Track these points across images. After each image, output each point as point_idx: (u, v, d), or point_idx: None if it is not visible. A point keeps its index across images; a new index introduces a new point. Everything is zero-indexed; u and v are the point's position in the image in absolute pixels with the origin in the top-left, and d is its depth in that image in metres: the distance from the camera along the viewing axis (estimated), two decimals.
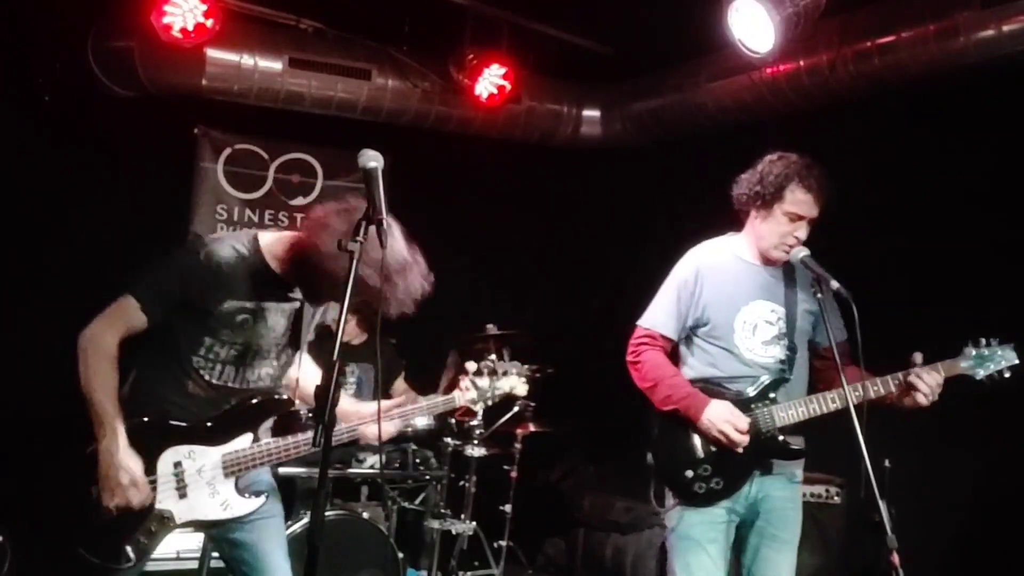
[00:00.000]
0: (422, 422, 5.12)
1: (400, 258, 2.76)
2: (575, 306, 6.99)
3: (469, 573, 5.31)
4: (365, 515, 4.69)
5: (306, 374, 3.14)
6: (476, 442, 5.15)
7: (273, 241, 2.94)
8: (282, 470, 4.64)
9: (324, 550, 2.43)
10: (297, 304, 2.99)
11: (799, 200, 3.21)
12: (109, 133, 5.63)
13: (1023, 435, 4.63)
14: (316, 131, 6.44)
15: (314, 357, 3.26)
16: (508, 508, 5.42)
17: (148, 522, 2.85)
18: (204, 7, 5.13)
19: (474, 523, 5.17)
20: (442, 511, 5.15)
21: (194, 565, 4.27)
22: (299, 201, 6.73)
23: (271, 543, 3.03)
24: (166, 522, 2.87)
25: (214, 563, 4.26)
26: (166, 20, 5.10)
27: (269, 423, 3.04)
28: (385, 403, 3.11)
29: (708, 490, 3.21)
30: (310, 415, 4.21)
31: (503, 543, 5.41)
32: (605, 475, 6.27)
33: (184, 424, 2.90)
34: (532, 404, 5.49)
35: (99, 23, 5.44)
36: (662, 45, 5.89)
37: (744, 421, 3.18)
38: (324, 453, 2.44)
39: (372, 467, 4.99)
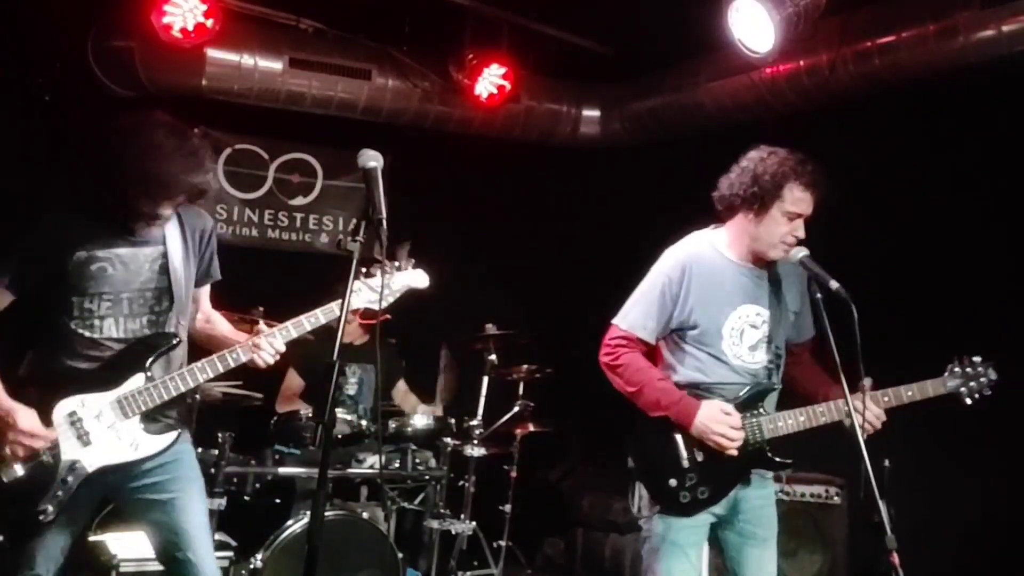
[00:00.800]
0: (421, 422, 5.12)
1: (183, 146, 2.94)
2: (574, 306, 6.98)
3: (468, 573, 5.31)
4: (364, 515, 4.69)
5: (214, 322, 3.29)
6: (475, 442, 5.15)
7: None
8: (282, 470, 4.65)
9: (324, 550, 2.43)
10: (161, 249, 3.03)
11: (798, 198, 3.11)
12: (108, 133, 5.62)
13: (1023, 434, 4.63)
14: (316, 131, 6.44)
15: (314, 357, 3.26)
16: (507, 508, 5.42)
17: (59, 475, 2.88)
18: (204, 7, 5.13)
19: (473, 523, 5.17)
20: (441, 511, 5.15)
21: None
22: (299, 201, 6.74)
23: (192, 503, 3.04)
24: (77, 471, 2.90)
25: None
26: (166, 20, 5.10)
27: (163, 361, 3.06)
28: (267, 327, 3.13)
29: (693, 499, 3.12)
30: (310, 416, 4.20)
31: (502, 543, 5.40)
32: (604, 475, 6.26)
33: (71, 375, 2.95)
34: (532, 404, 5.49)
35: (99, 23, 5.44)
36: (662, 45, 5.89)
37: (738, 419, 3.10)
38: (324, 453, 2.44)
39: (372, 467, 4.99)
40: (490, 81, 6.09)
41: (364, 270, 3.06)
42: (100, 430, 2.93)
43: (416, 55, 6.11)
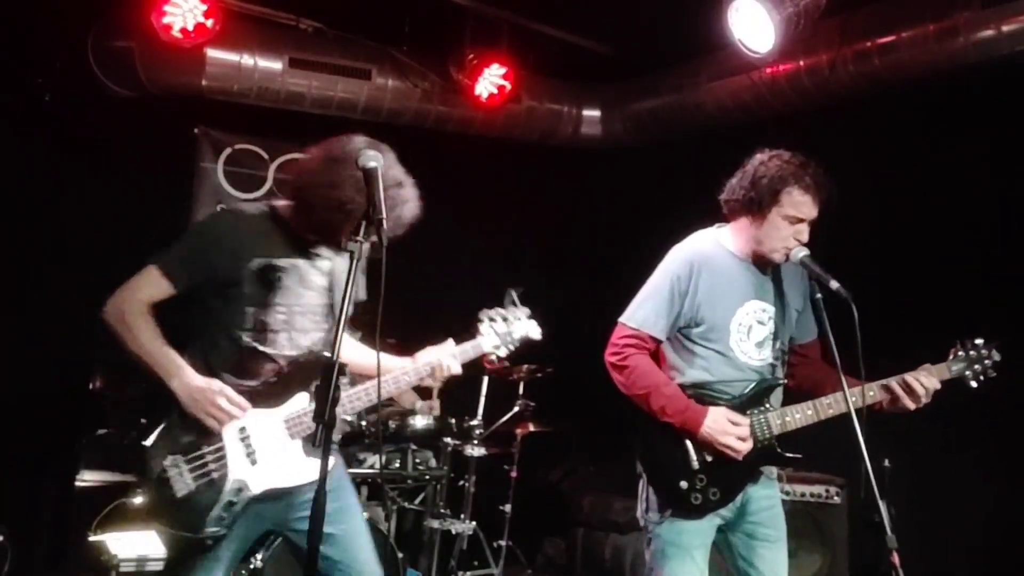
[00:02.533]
0: (422, 422, 5.12)
1: (393, 176, 2.90)
2: (574, 306, 6.99)
3: (469, 573, 5.31)
4: (365, 515, 4.69)
5: (350, 345, 3.22)
6: (476, 442, 5.15)
7: (285, 203, 2.99)
8: None
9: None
10: (329, 264, 3.00)
11: (797, 202, 3.09)
12: (109, 133, 5.63)
13: (1022, 433, 4.63)
14: (316, 131, 6.40)
15: None
16: (508, 508, 5.42)
17: (225, 495, 2.81)
18: (204, 7, 5.13)
19: (474, 523, 5.17)
20: (442, 511, 5.15)
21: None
22: None
23: (360, 537, 3.00)
24: (242, 493, 2.83)
25: None
26: (166, 20, 5.10)
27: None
28: (430, 352, 3.20)
29: (704, 501, 3.09)
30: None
31: (503, 543, 5.41)
32: (605, 475, 6.26)
33: (238, 389, 2.86)
34: (532, 404, 5.49)
35: (99, 23, 5.44)
36: (662, 45, 5.89)
37: (746, 427, 3.09)
38: (324, 453, 2.44)
39: (372, 467, 4.99)
40: (490, 81, 6.09)
41: (490, 315, 3.29)
42: (267, 450, 2.87)
43: (416, 55, 6.11)
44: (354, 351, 3.28)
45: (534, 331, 3.42)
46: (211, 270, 2.85)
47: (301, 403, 2.93)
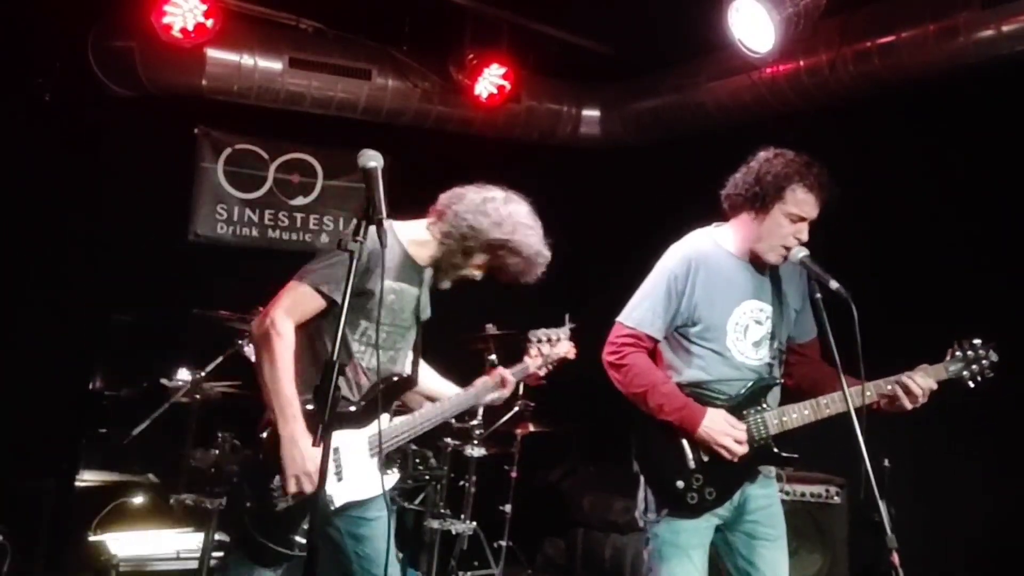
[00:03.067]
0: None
1: (515, 221, 3.19)
2: (575, 305, 6.98)
3: (469, 573, 5.31)
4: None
5: (423, 368, 3.38)
6: (476, 442, 5.15)
7: (406, 227, 3.17)
8: None
9: (324, 550, 2.44)
10: (419, 290, 3.17)
11: (800, 200, 3.08)
12: (109, 133, 5.64)
13: (1022, 433, 4.63)
14: (316, 131, 6.44)
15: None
16: (508, 508, 5.42)
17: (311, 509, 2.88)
18: (204, 7, 5.13)
19: (474, 523, 5.16)
20: (442, 511, 5.15)
21: (194, 565, 4.28)
22: (299, 201, 6.73)
23: (383, 542, 3.07)
24: (325, 507, 2.90)
25: (214, 563, 4.28)
26: (166, 20, 5.10)
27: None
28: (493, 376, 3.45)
29: (701, 500, 3.10)
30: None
31: (503, 543, 5.40)
32: (605, 475, 6.26)
33: (342, 406, 2.93)
34: (532, 404, 5.49)
35: (99, 23, 5.44)
36: (662, 45, 5.89)
37: (743, 431, 3.08)
38: (323, 454, 2.44)
39: None
40: (490, 81, 6.09)
41: (537, 336, 3.59)
42: (352, 466, 2.98)
43: (416, 55, 6.11)
44: (425, 375, 3.42)
45: (570, 352, 3.65)
46: (356, 285, 2.87)
47: (383, 422, 3.05)
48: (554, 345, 3.57)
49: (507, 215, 3.17)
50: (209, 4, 5.15)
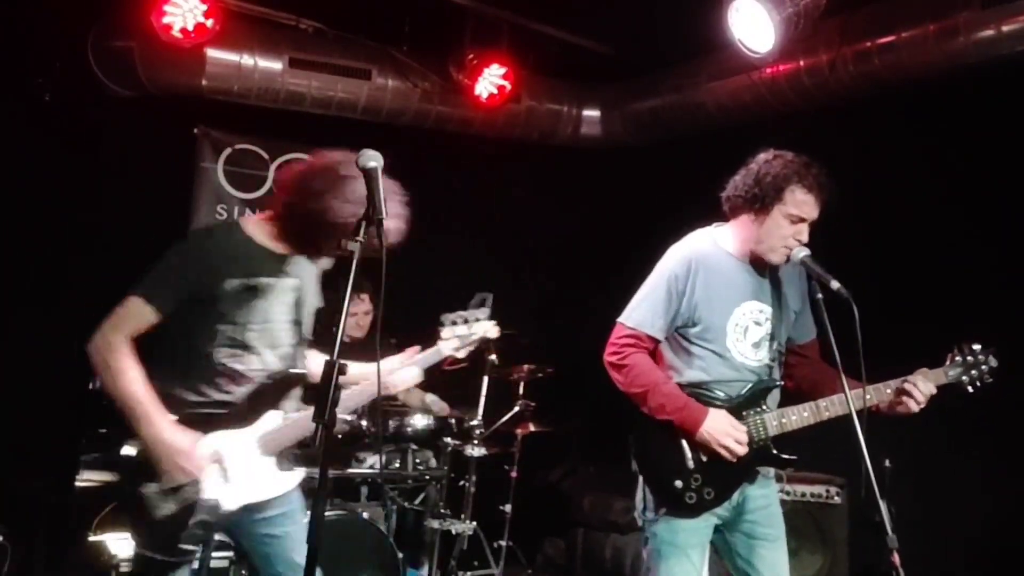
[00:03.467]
0: (422, 422, 5.12)
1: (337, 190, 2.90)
2: (575, 306, 6.99)
3: (469, 573, 5.31)
4: (365, 515, 4.69)
5: (315, 362, 3.21)
6: (476, 442, 5.15)
7: (254, 219, 3.07)
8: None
9: (324, 550, 2.43)
10: (296, 281, 3.05)
11: (800, 201, 3.09)
12: (109, 133, 5.63)
13: (1022, 433, 4.63)
14: (316, 131, 6.43)
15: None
16: (508, 508, 5.42)
17: (199, 513, 2.88)
18: (204, 7, 5.13)
19: (474, 523, 5.16)
20: (442, 511, 5.15)
21: (194, 565, 4.27)
22: None
23: (295, 542, 3.06)
24: (217, 510, 2.90)
25: (214, 563, 4.27)
26: (166, 20, 5.09)
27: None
28: (390, 361, 3.30)
29: (699, 500, 3.10)
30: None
31: (503, 543, 5.40)
32: (605, 475, 6.26)
33: (215, 412, 2.94)
34: (532, 404, 5.49)
35: (99, 23, 5.44)
36: (662, 45, 5.88)
37: (744, 432, 3.09)
38: (323, 453, 2.44)
39: (372, 467, 4.99)
40: (490, 81, 6.09)
41: (451, 317, 3.37)
42: (240, 468, 2.95)
43: (416, 55, 6.11)
44: (313, 363, 3.28)
45: (491, 331, 3.48)
46: (190, 291, 2.89)
47: (274, 421, 3.01)
48: (471, 326, 3.41)
49: (329, 185, 2.90)
50: (209, 4, 5.15)
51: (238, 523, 3.04)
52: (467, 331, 3.39)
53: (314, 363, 3.22)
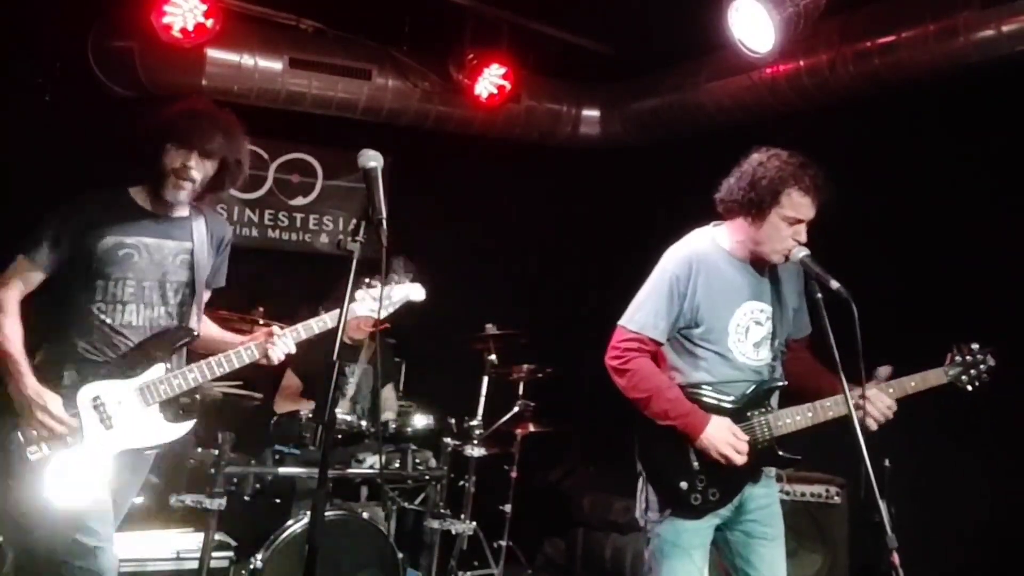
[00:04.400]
0: (422, 422, 5.12)
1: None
2: (575, 306, 6.99)
3: (469, 573, 5.30)
4: (365, 515, 4.69)
5: (205, 323, 3.40)
6: (476, 442, 5.14)
7: (138, 186, 3.22)
8: (282, 470, 4.65)
9: (324, 550, 2.43)
10: (187, 245, 3.19)
11: (797, 203, 3.07)
12: (109, 133, 5.62)
13: (1022, 433, 4.63)
14: (316, 131, 6.44)
15: (311, 357, 3.32)
16: (508, 508, 5.42)
17: (83, 457, 2.98)
18: (204, 7, 5.12)
19: (474, 523, 5.16)
20: (442, 511, 5.15)
21: (194, 565, 4.27)
22: (299, 201, 6.74)
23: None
24: (100, 453, 3.01)
25: (214, 563, 4.27)
26: (166, 20, 5.09)
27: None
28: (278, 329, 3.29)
29: (704, 501, 3.10)
30: (310, 416, 4.25)
31: (503, 543, 5.40)
32: (605, 475, 6.26)
33: (95, 361, 3.07)
34: (532, 404, 5.49)
35: (99, 23, 5.44)
36: (662, 45, 5.89)
37: (744, 440, 3.08)
38: (324, 453, 2.44)
39: (372, 467, 4.98)
40: (490, 81, 6.09)
41: (367, 281, 3.25)
42: (122, 415, 3.05)
43: (416, 55, 6.11)
44: (206, 328, 3.44)
45: (416, 293, 3.47)
46: (71, 249, 3.06)
47: (157, 372, 3.12)
48: (392, 288, 3.38)
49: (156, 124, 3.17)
50: (209, 4, 5.15)
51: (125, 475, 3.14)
52: (385, 293, 3.32)
53: (205, 326, 3.38)
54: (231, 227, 3.46)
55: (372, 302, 3.28)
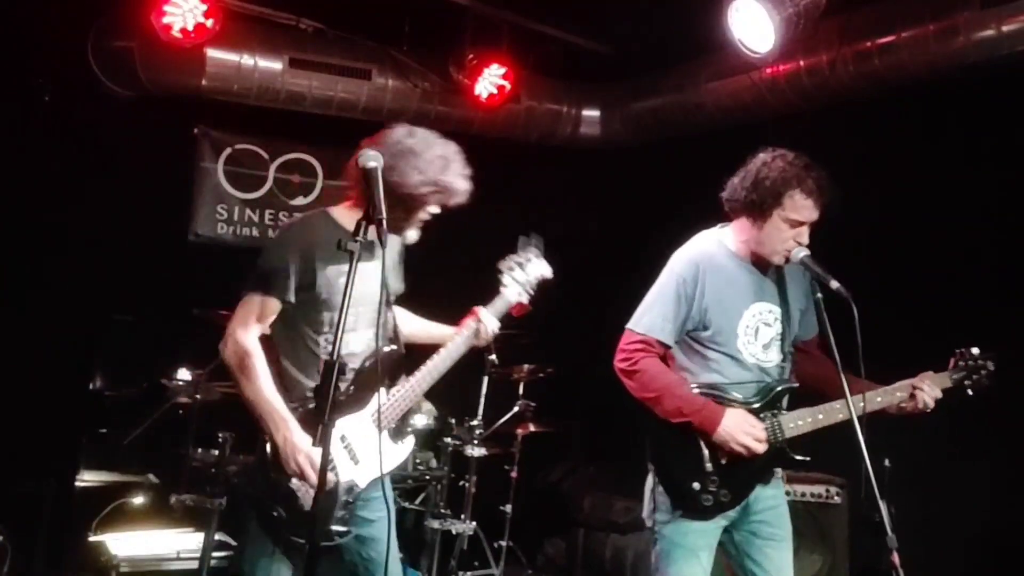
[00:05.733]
0: (422, 422, 5.11)
1: (438, 152, 3.19)
2: (574, 305, 6.99)
3: (469, 573, 5.31)
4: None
5: (406, 321, 3.36)
6: (476, 442, 5.15)
7: (338, 207, 3.12)
8: None
9: (323, 550, 2.44)
10: (380, 261, 3.06)
11: (800, 205, 3.07)
12: (109, 133, 5.63)
13: (1023, 433, 4.63)
14: (316, 131, 6.44)
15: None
16: (508, 508, 5.42)
17: (340, 496, 2.98)
18: (204, 7, 5.12)
19: (474, 523, 5.17)
20: (442, 511, 5.15)
21: (194, 565, 4.28)
22: (299, 201, 6.73)
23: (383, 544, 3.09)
24: (354, 490, 3.02)
25: (214, 563, 4.28)
26: (166, 20, 5.09)
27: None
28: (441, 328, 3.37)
29: (716, 502, 3.10)
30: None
31: (503, 543, 5.40)
32: (606, 475, 6.26)
33: (333, 397, 2.96)
34: (532, 404, 5.49)
35: (99, 23, 5.44)
36: (662, 45, 5.89)
37: (762, 429, 3.08)
38: (324, 453, 2.44)
39: None
40: (490, 81, 6.09)
41: (508, 265, 3.44)
42: (364, 448, 3.05)
43: (416, 55, 6.11)
44: (413, 323, 3.45)
45: (546, 270, 3.53)
46: (298, 279, 2.97)
47: (382, 396, 3.08)
48: (526, 268, 3.47)
49: (399, 157, 3.08)
50: (209, 4, 5.14)
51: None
52: (524, 275, 3.46)
53: (405, 323, 3.35)
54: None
55: (518, 285, 3.39)
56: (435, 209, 3.13)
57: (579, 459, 6.81)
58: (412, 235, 3.16)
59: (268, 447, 2.91)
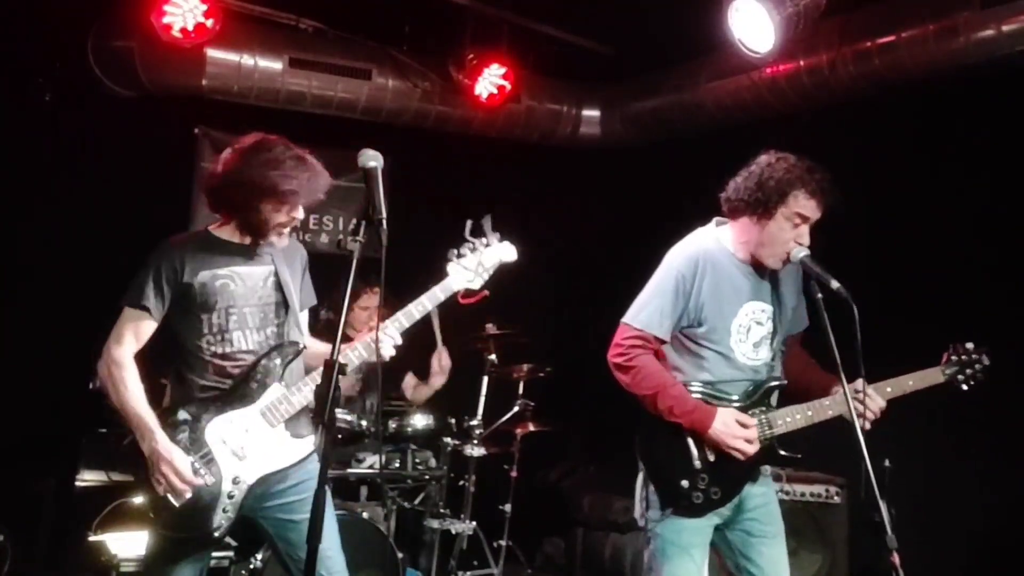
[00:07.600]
0: (422, 422, 5.11)
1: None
2: (574, 306, 6.99)
3: (468, 573, 5.31)
4: (364, 515, 4.69)
5: (313, 342, 3.34)
6: (476, 442, 5.15)
7: (215, 224, 3.25)
8: None
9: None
10: (271, 267, 3.19)
11: (803, 205, 3.09)
12: (109, 133, 5.63)
13: (1022, 433, 4.64)
14: (316, 131, 6.42)
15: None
16: (507, 508, 5.42)
17: (223, 490, 3.02)
18: (204, 7, 5.13)
19: (474, 523, 5.17)
20: (442, 511, 5.15)
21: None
22: None
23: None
24: (240, 484, 3.05)
25: (214, 563, 4.27)
26: (166, 20, 5.09)
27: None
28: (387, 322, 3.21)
29: (706, 500, 3.11)
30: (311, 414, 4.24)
31: (502, 543, 5.40)
32: (605, 475, 6.27)
33: (213, 395, 3.08)
34: (532, 404, 5.49)
35: (99, 23, 5.44)
36: (662, 45, 5.89)
37: (753, 429, 3.10)
38: (324, 453, 2.45)
39: (372, 467, 4.99)
40: (490, 81, 6.09)
41: (456, 251, 3.27)
42: (252, 443, 3.07)
43: (416, 55, 6.11)
44: (315, 345, 3.40)
45: (507, 253, 3.40)
46: (172, 290, 3.07)
47: (275, 393, 3.11)
48: (480, 253, 3.32)
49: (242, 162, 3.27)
50: (209, 4, 5.15)
51: (260, 507, 3.13)
52: (476, 260, 3.32)
53: (314, 344, 3.32)
54: (304, 250, 3.46)
55: (465, 272, 3.28)
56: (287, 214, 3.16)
57: (578, 459, 6.81)
58: (279, 242, 3.21)
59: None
